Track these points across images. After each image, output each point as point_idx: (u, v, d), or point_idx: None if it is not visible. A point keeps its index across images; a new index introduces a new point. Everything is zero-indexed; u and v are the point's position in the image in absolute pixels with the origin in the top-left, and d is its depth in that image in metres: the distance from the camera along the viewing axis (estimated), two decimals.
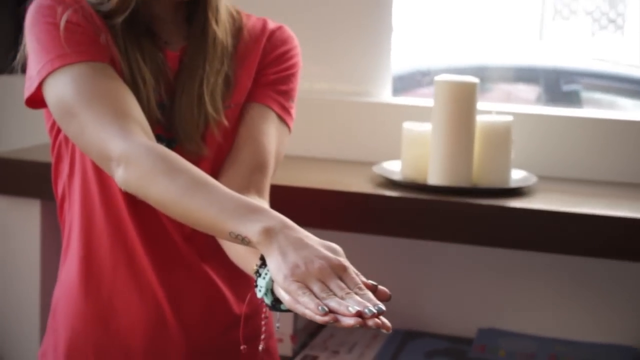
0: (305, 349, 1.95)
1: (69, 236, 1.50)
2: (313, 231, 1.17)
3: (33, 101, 1.40)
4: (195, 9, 1.48)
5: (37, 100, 1.39)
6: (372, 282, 1.11)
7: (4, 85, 2.17)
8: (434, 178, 1.74)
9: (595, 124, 1.93)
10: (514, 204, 1.65)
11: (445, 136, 1.73)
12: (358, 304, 1.04)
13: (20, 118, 2.15)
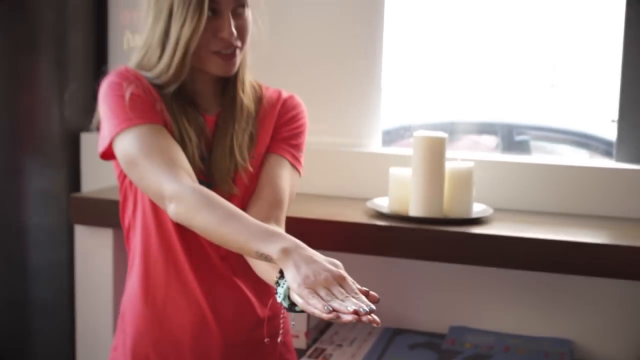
0: (316, 343, 1.93)
1: (133, 257, 1.52)
2: (319, 251, 1.19)
3: (105, 155, 1.42)
4: (227, 83, 1.50)
5: (109, 154, 1.41)
6: (365, 289, 1.14)
7: (85, 140, 2.17)
8: (414, 211, 1.74)
9: (540, 167, 1.92)
10: (475, 230, 1.65)
11: (422, 178, 1.73)
12: (354, 304, 1.07)
13: (96, 167, 2.15)
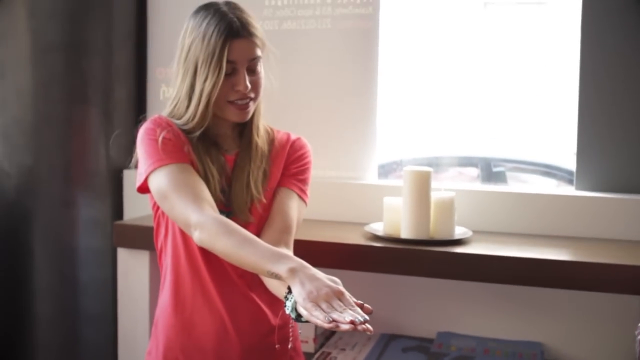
0: (322, 348, 1.93)
1: (165, 275, 1.52)
2: (323, 270, 1.20)
3: (141, 189, 1.43)
4: (244, 127, 1.51)
5: (144, 189, 1.42)
6: (360, 302, 1.14)
7: (127, 176, 2.18)
8: (405, 233, 1.73)
9: (511, 195, 1.91)
10: (458, 250, 1.65)
11: (411, 206, 1.72)
12: (351, 315, 1.08)
13: (136, 199, 2.15)
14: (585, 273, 1.54)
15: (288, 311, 1.19)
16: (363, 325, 1.07)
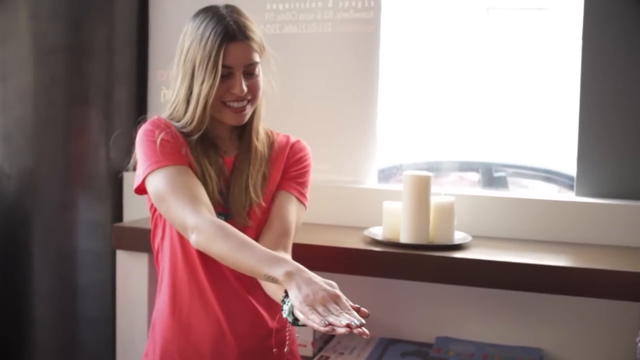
0: (321, 351, 1.92)
1: (162, 277, 1.51)
2: (321, 274, 1.19)
3: (139, 190, 1.42)
4: (244, 129, 1.50)
5: (142, 190, 1.42)
6: (357, 305, 1.13)
7: (127, 178, 2.18)
8: (404, 238, 1.73)
9: (511, 201, 1.90)
10: (457, 255, 1.64)
11: (411, 210, 1.72)
12: (347, 319, 1.08)
13: (136, 201, 2.12)
14: (584, 279, 1.54)
15: (285, 315, 1.18)
16: (359, 329, 1.07)
